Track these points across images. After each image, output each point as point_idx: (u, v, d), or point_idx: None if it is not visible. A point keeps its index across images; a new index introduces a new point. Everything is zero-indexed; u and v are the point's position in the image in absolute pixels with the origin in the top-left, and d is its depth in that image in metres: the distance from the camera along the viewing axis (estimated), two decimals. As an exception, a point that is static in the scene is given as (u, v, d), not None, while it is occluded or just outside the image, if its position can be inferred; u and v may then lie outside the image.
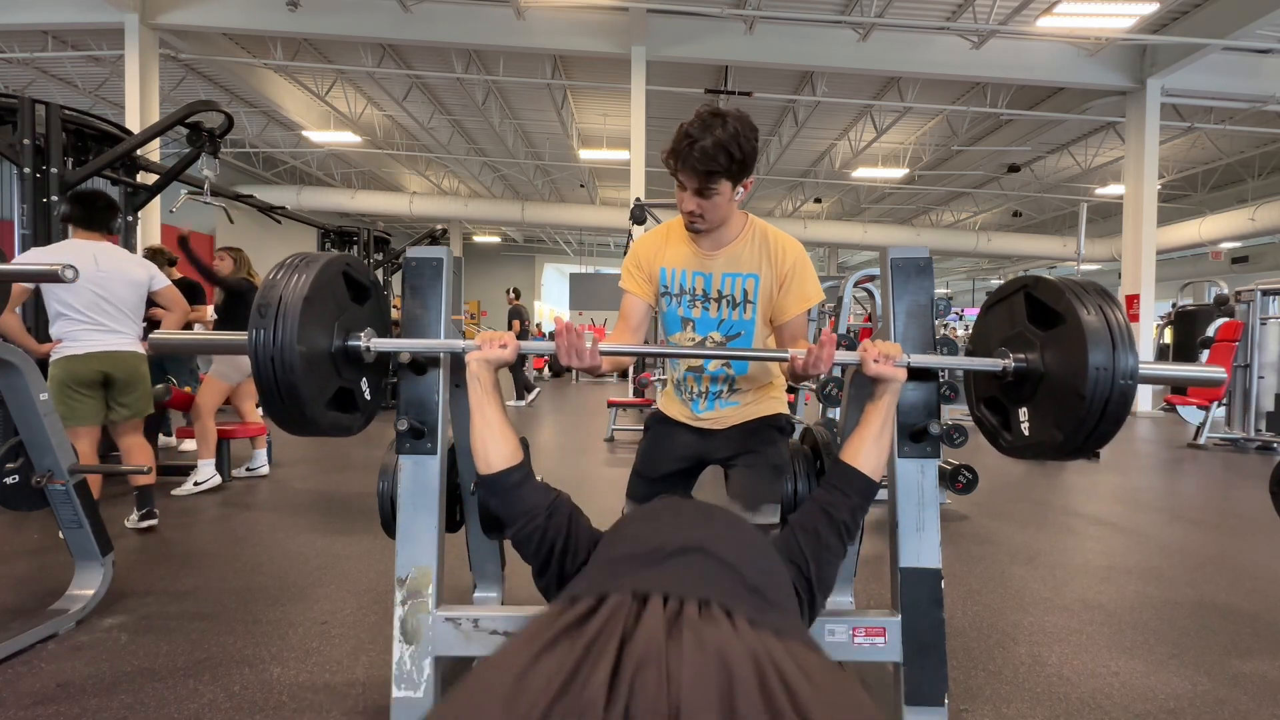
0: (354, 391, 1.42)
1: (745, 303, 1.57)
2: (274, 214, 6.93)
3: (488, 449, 1.25)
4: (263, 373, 1.21)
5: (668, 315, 1.63)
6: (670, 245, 1.61)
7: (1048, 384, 1.28)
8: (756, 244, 1.56)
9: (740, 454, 1.63)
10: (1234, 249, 16.61)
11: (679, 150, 1.38)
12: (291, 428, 1.30)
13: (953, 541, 3.13)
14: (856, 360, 1.33)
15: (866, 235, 17.16)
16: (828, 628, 1.42)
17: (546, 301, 27.07)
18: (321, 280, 1.29)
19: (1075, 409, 1.20)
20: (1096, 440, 1.21)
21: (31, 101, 3.76)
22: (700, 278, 1.58)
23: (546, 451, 5.64)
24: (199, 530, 3.21)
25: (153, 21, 8.42)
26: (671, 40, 8.88)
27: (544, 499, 1.24)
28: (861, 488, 1.27)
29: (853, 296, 4.77)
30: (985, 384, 1.48)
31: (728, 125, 1.36)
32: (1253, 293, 6.32)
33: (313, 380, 1.26)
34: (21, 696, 1.70)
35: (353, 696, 1.72)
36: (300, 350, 1.21)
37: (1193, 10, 8.15)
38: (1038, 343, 1.31)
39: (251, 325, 1.21)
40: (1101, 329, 1.19)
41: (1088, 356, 1.18)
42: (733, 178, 1.41)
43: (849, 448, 1.31)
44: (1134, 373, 1.18)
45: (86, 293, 2.87)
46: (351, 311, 1.40)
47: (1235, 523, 3.62)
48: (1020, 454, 1.37)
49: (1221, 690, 1.83)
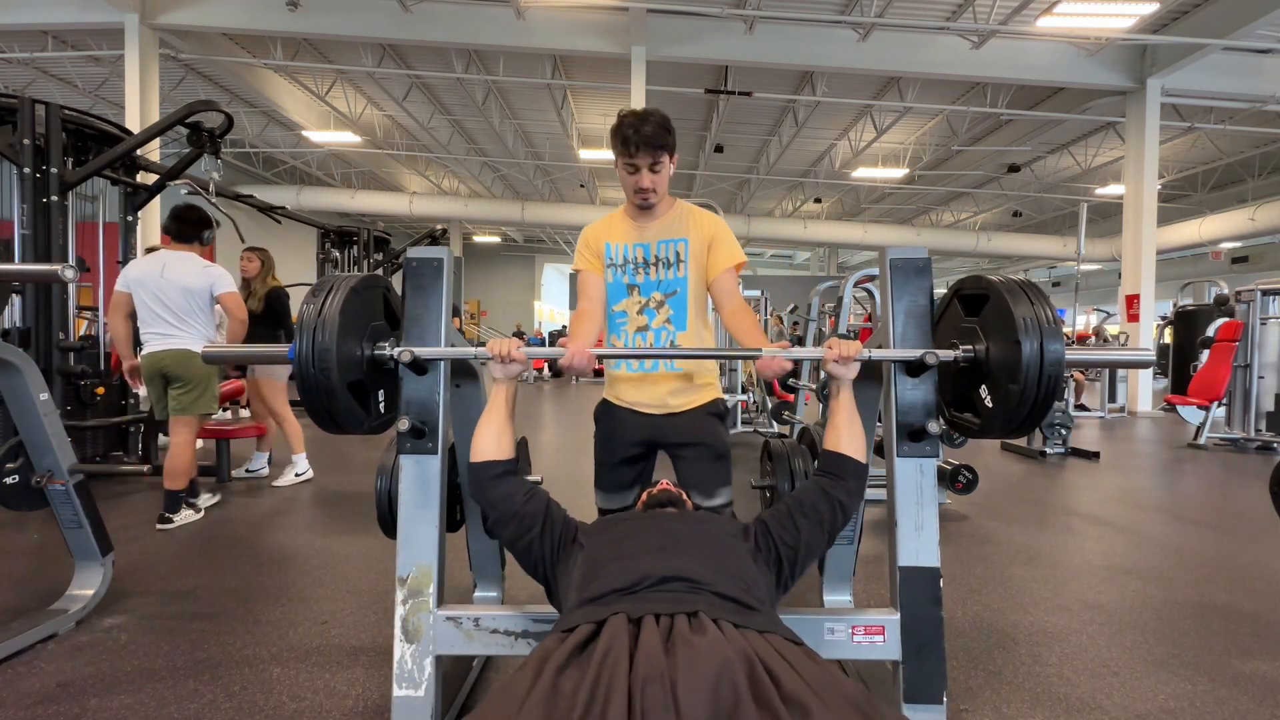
0: (371, 394, 1.50)
1: (678, 262, 1.82)
2: (274, 214, 6.93)
3: (485, 439, 1.39)
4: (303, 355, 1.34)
5: (613, 285, 1.86)
6: (612, 226, 1.88)
7: (993, 356, 1.38)
8: (683, 215, 1.83)
9: (687, 444, 1.81)
10: (1234, 249, 16.63)
11: (629, 137, 1.67)
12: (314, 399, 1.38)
13: (953, 541, 3.14)
14: (820, 355, 1.47)
15: (866, 235, 17.16)
16: (827, 626, 1.42)
17: (546, 301, 27.07)
18: (366, 285, 1.49)
19: (1018, 359, 1.30)
20: (1046, 387, 1.30)
21: (31, 101, 3.76)
22: (640, 248, 1.83)
23: (547, 452, 5.65)
24: (199, 530, 3.21)
25: (153, 21, 8.42)
26: (671, 40, 8.88)
27: (520, 486, 1.35)
28: (853, 469, 1.39)
29: (853, 296, 4.78)
30: (949, 384, 1.55)
31: (655, 115, 1.69)
32: (1253, 293, 6.31)
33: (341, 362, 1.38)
34: (21, 696, 1.70)
35: (353, 696, 1.72)
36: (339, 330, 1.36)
37: (1193, 10, 8.15)
38: (976, 328, 1.43)
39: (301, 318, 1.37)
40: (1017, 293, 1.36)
41: (1012, 314, 1.32)
42: (670, 152, 1.72)
43: (828, 438, 1.44)
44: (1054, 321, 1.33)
45: (149, 299, 3.22)
46: (383, 327, 1.54)
47: (1235, 523, 3.62)
48: (990, 428, 1.42)
49: (1221, 690, 1.83)
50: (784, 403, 5.66)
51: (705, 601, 1.01)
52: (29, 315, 3.77)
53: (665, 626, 0.93)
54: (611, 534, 1.29)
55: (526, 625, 1.42)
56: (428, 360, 1.47)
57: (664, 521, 1.32)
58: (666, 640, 0.89)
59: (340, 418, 1.40)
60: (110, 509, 3.39)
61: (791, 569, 1.27)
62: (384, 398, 1.55)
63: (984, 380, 1.42)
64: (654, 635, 0.89)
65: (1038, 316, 1.32)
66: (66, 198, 3.91)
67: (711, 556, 1.18)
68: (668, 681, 0.79)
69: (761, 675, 0.81)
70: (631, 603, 1.01)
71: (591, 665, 0.83)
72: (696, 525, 1.31)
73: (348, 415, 1.40)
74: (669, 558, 1.15)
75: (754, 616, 1.02)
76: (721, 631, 0.91)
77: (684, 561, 1.13)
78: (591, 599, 1.08)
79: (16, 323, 3.78)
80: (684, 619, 0.94)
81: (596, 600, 1.07)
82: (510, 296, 25.49)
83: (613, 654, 0.85)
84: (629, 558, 1.16)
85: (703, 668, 0.81)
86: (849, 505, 1.34)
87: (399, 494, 1.47)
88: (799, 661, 0.86)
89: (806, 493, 1.36)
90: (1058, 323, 1.34)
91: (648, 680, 0.79)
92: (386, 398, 1.55)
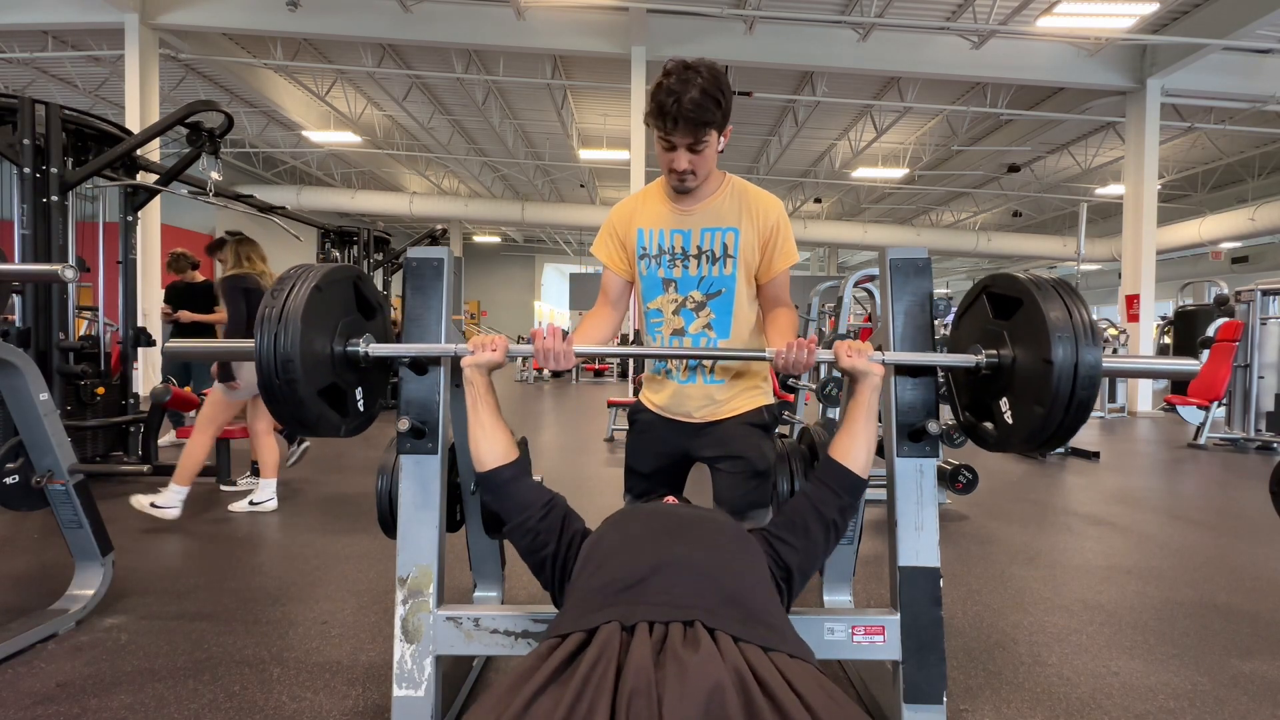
0: (347, 394, 1.44)
1: (725, 257, 1.53)
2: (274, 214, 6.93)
3: (480, 448, 1.31)
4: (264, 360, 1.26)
5: (647, 279, 1.59)
6: (647, 205, 1.59)
7: (1020, 368, 1.31)
8: (736, 198, 1.54)
9: (724, 457, 1.59)
10: (1234, 249, 16.62)
11: (666, 108, 1.35)
12: (282, 410, 1.32)
13: (953, 541, 3.14)
14: (831, 357, 1.38)
15: (866, 235, 17.17)
16: (827, 626, 1.42)
17: (546, 301, 27.08)
18: (331, 279, 1.37)
19: (1047, 380, 1.21)
20: (1076, 411, 1.23)
21: (31, 101, 3.76)
22: (679, 235, 1.55)
23: (547, 452, 5.65)
24: (199, 530, 3.21)
25: (153, 21, 8.43)
26: (671, 40, 8.88)
27: (539, 497, 1.28)
28: (850, 485, 1.30)
29: (853, 296, 4.77)
30: (966, 387, 1.50)
31: (704, 74, 1.35)
32: (1253, 293, 6.31)
33: (309, 368, 1.30)
34: (21, 696, 1.70)
35: (353, 697, 1.72)
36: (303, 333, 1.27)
37: (1193, 10, 8.15)
38: (1005, 333, 1.35)
39: (259, 320, 1.26)
40: (1056, 301, 1.25)
41: (1048, 332, 1.21)
42: (719, 127, 1.41)
43: (836, 444, 1.35)
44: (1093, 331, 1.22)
45: None
46: (356, 320, 1.46)
47: (1235, 523, 3.62)
48: (1008, 444, 1.38)
49: (1221, 690, 1.83)
50: (784, 403, 5.65)
51: (705, 605, 0.96)
52: (29, 315, 3.77)
53: (659, 636, 0.89)
54: (616, 520, 1.26)
55: (526, 625, 1.42)
56: (426, 359, 1.47)
57: (673, 511, 1.29)
58: (658, 653, 0.85)
59: (312, 426, 1.35)
60: (110, 509, 3.39)
61: (789, 589, 1.22)
62: (363, 395, 1.48)
63: (1006, 392, 1.34)
64: (645, 647, 0.85)
65: (1075, 330, 1.21)
66: (66, 198, 3.91)
67: (720, 549, 1.13)
68: (654, 696, 0.75)
69: (759, 701, 0.75)
70: (627, 605, 0.97)
71: (575, 680, 0.79)
72: (708, 519, 1.26)
73: (320, 423, 1.35)
74: (673, 543, 1.10)
75: (759, 628, 0.95)
76: (718, 645, 0.86)
77: (688, 547, 1.09)
78: (588, 592, 1.05)
79: (16, 323, 3.78)
80: (679, 629, 0.90)
81: (594, 593, 1.03)
82: (510, 296, 25.50)
83: (599, 666, 0.81)
84: (633, 544, 1.13)
85: (693, 686, 0.77)
86: (842, 525, 1.28)
87: (399, 494, 1.47)
88: (804, 685, 0.79)
89: (799, 512, 1.28)
90: (1097, 333, 1.23)
91: (635, 694, 0.76)
92: (366, 394, 1.48)
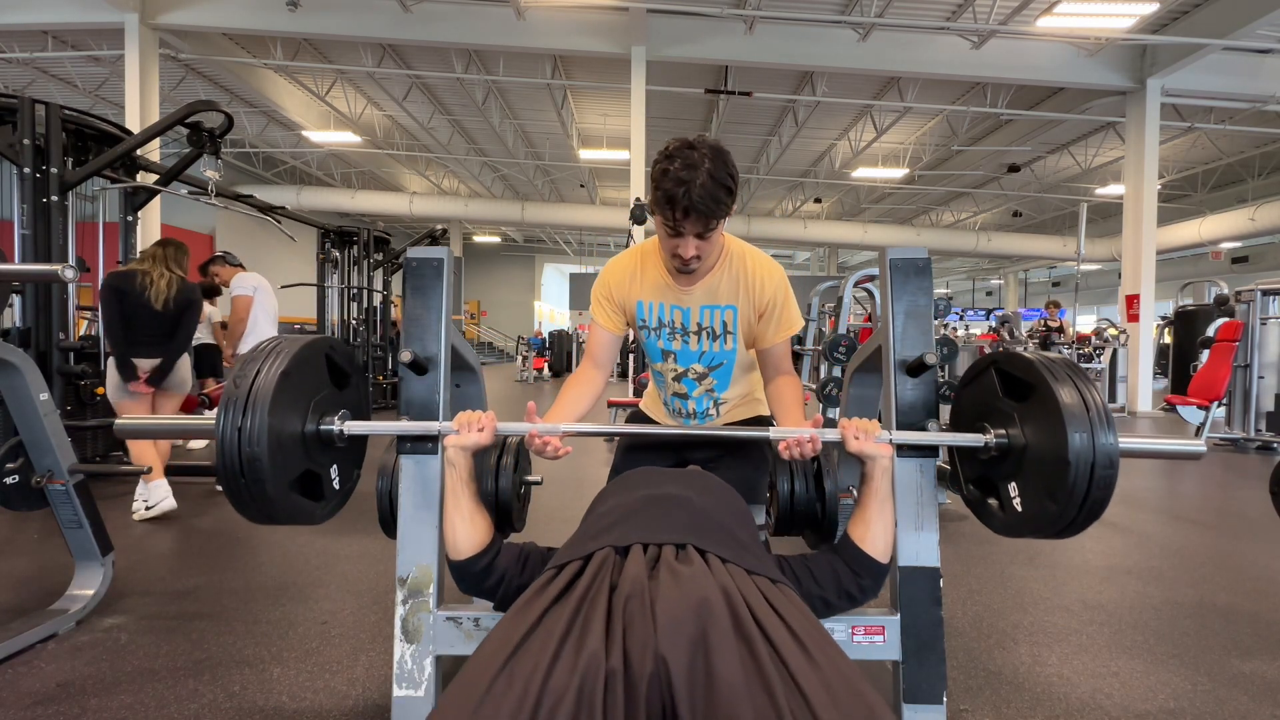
0: (321, 477, 1.40)
1: (725, 334, 1.54)
2: (274, 214, 6.93)
3: (458, 535, 1.27)
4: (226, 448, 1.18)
5: (649, 345, 1.62)
6: (645, 276, 1.55)
7: (1031, 456, 1.28)
8: (734, 273, 1.50)
9: (720, 456, 1.63)
10: (1234, 249, 16.63)
11: (676, 199, 1.25)
12: (248, 510, 1.27)
13: (953, 541, 3.13)
14: (838, 438, 1.33)
15: (866, 235, 17.17)
16: (827, 626, 1.42)
17: (546, 301, 27.07)
18: (301, 359, 1.30)
19: (1063, 477, 1.19)
20: (1091, 507, 1.21)
21: (31, 101, 3.76)
22: (678, 311, 1.54)
23: (546, 451, 5.64)
24: (199, 530, 3.21)
25: (153, 21, 8.42)
26: (671, 40, 8.89)
27: (512, 559, 1.27)
28: (871, 569, 1.27)
29: (853, 296, 4.77)
30: (971, 463, 1.47)
31: (710, 156, 1.26)
32: (1253, 293, 6.31)
33: (279, 461, 1.23)
34: (21, 696, 1.70)
35: (353, 696, 1.72)
36: (270, 427, 1.19)
37: (1193, 10, 8.15)
38: (1015, 415, 1.32)
39: (222, 404, 1.20)
40: (1073, 393, 1.21)
41: (1065, 424, 1.18)
42: (729, 213, 1.33)
43: (855, 527, 1.30)
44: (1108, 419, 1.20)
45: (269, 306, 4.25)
46: (330, 395, 1.41)
47: (1235, 523, 3.62)
48: (1018, 532, 1.35)
49: (1221, 690, 1.83)
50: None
51: (698, 529, 1.02)
52: (29, 315, 3.77)
53: (653, 555, 0.94)
54: (613, 485, 1.31)
55: (526, 625, 1.42)
56: (425, 359, 1.47)
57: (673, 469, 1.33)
58: (652, 568, 0.90)
59: (285, 521, 1.32)
60: (110, 509, 3.39)
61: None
62: (338, 473, 1.45)
63: (1015, 477, 1.32)
64: (639, 563, 0.91)
65: (1092, 422, 1.17)
66: (66, 198, 3.91)
67: (714, 490, 1.18)
68: (648, 599, 0.80)
69: (744, 615, 0.80)
70: (621, 531, 1.01)
71: (573, 597, 0.84)
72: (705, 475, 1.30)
73: (295, 517, 1.33)
74: (670, 483, 1.16)
75: (746, 555, 1.00)
76: (708, 565, 0.91)
77: (685, 487, 1.14)
78: (584, 530, 1.10)
79: (17, 323, 3.78)
80: (671, 549, 0.95)
81: (589, 528, 1.09)
82: (510, 297, 25.52)
83: (596, 583, 0.87)
84: (628, 486, 1.19)
85: (686, 590, 0.82)
86: (859, 601, 1.28)
87: (399, 494, 1.47)
88: (784, 607, 0.85)
89: (822, 571, 1.26)
90: (1113, 424, 1.19)
91: (630, 597, 0.81)
92: (341, 472, 1.46)
